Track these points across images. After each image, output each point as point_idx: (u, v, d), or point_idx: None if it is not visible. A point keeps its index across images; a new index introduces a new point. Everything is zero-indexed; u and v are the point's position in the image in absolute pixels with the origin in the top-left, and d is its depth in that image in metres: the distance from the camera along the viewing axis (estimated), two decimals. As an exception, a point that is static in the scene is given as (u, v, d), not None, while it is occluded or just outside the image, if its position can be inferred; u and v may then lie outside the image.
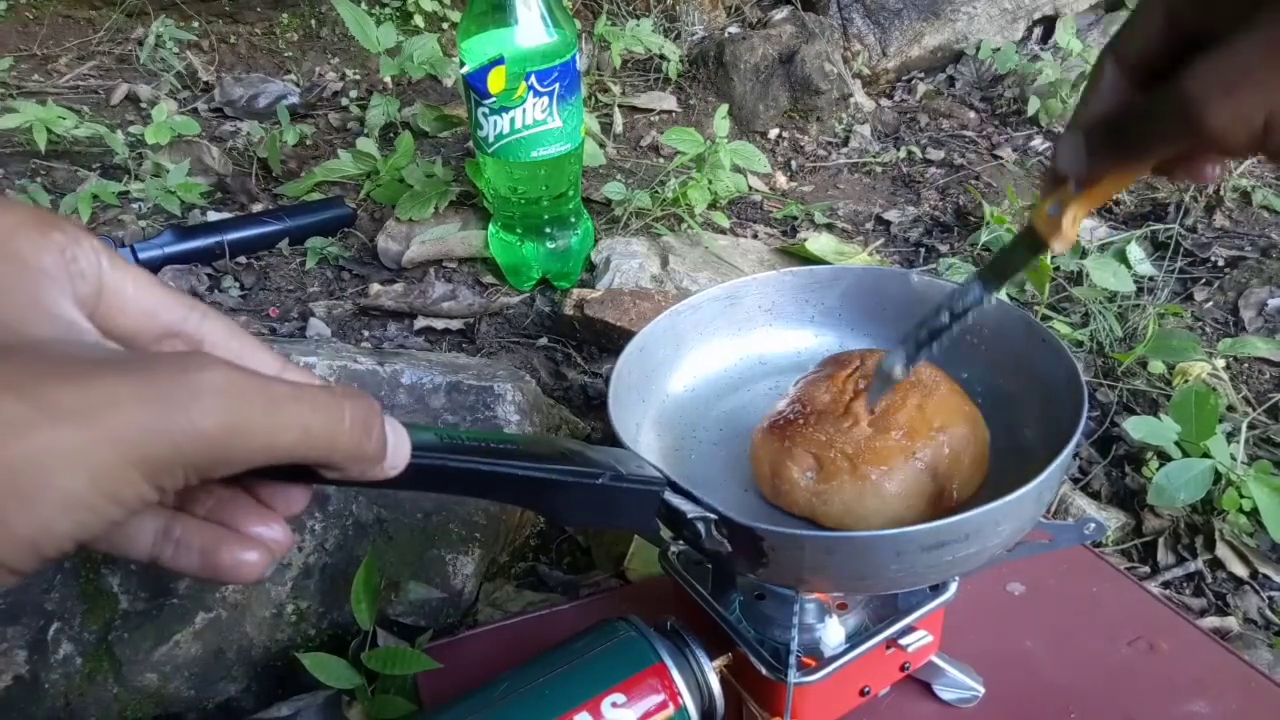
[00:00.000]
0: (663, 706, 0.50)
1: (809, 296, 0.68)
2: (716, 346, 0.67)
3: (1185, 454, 0.85)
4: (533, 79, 0.97)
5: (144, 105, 1.52)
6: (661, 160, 1.42)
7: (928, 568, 0.47)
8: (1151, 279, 1.16)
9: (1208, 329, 1.11)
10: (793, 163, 1.49)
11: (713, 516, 0.46)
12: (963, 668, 0.62)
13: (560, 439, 0.83)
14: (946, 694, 0.62)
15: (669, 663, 0.51)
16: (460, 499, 0.75)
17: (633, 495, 0.45)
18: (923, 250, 1.26)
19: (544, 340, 1.07)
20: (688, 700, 0.51)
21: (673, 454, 0.61)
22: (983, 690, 0.62)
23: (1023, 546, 0.57)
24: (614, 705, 0.50)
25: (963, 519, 0.44)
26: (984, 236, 1.21)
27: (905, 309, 0.65)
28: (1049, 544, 0.56)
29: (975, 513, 0.44)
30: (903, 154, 1.50)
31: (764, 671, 0.53)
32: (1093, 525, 0.55)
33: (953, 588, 0.57)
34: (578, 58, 1.00)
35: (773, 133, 1.55)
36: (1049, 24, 1.82)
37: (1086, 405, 0.51)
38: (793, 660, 0.52)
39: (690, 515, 0.46)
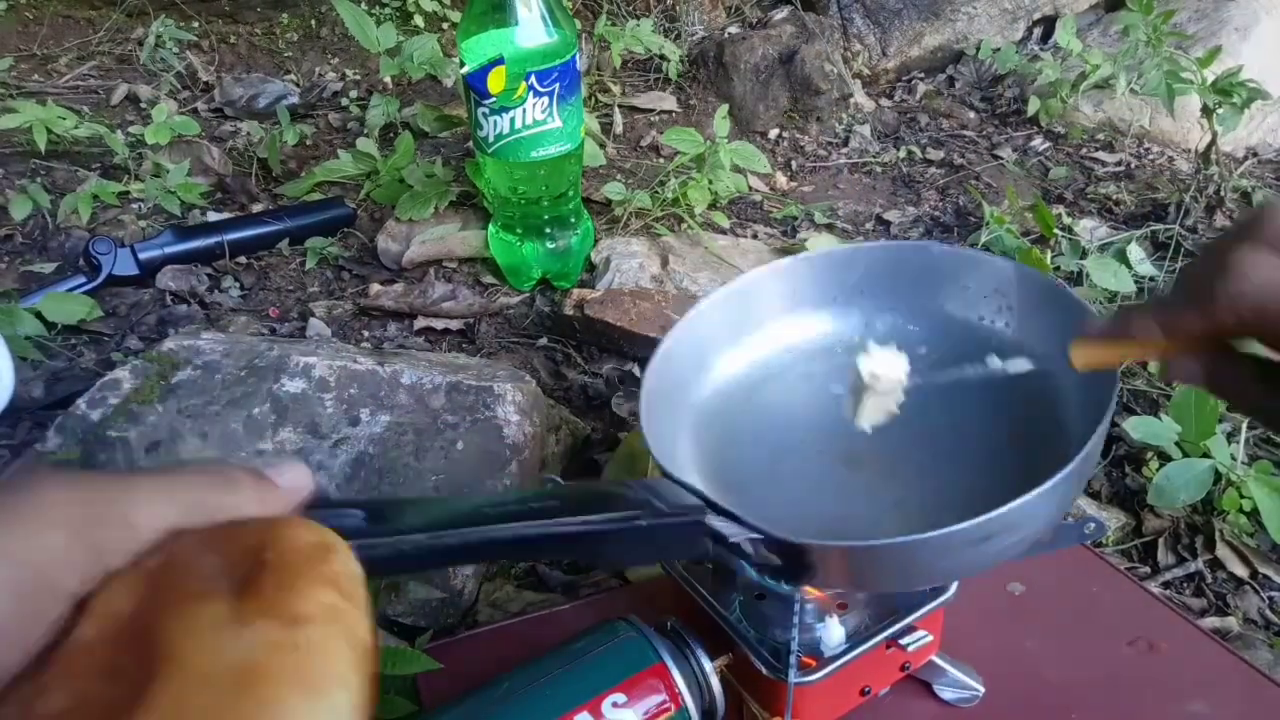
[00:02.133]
0: (663, 706, 0.50)
1: (829, 279, 0.66)
2: (742, 342, 0.66)
3: (1185, 454, 0.85)
4: (533, 79, 0.97)
5: (144, 105, 1.52)
6: (661, 160, 1.42)
7: (975, 559, 0.47)
8: (1152, 279, 1.16)
9: (1208, 329, 1.11)
10: (793, 163, 1.49)
11: (758, 536, 0.46)
12: (963, 667, 0.62)
13: (596, 483, 0.82)
14: (947, 694, 0.62)
15: (669, 663, 0.51)
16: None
17: (674, 529, 0.45)
18: (923, 250, 1.26)
19: (544, 340, 1.07)
20: (688, 700, 0.51)
21: (714, 458, 0.60)
22: (983, 690, 0.62)
23: (1023, 546, 0.57)
24: (614, 705, 0.50)
25: (1008, 510, 0.43)
26: (984, 237, 1.21)
27: (928, 279, 0.64)
28: (1049, 544, 0.56)
29: (1018, 503, 0.43)
30: (903, 154, 1.50)
31: (764, 671, 0.53)
32: (1093, 525, 0.55)
33: (952, 587, 0.57)
34: (578, 58, 1.00)
35: (773, 133, 1.55)
36: (1049, 24, 1.83)
37: (1119, 376, 0.49)
38: (793, 660, 0.52)
39: (734, 539, 0.46)
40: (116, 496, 0.29)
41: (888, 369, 0.51)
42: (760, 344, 0.66)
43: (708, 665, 0.53)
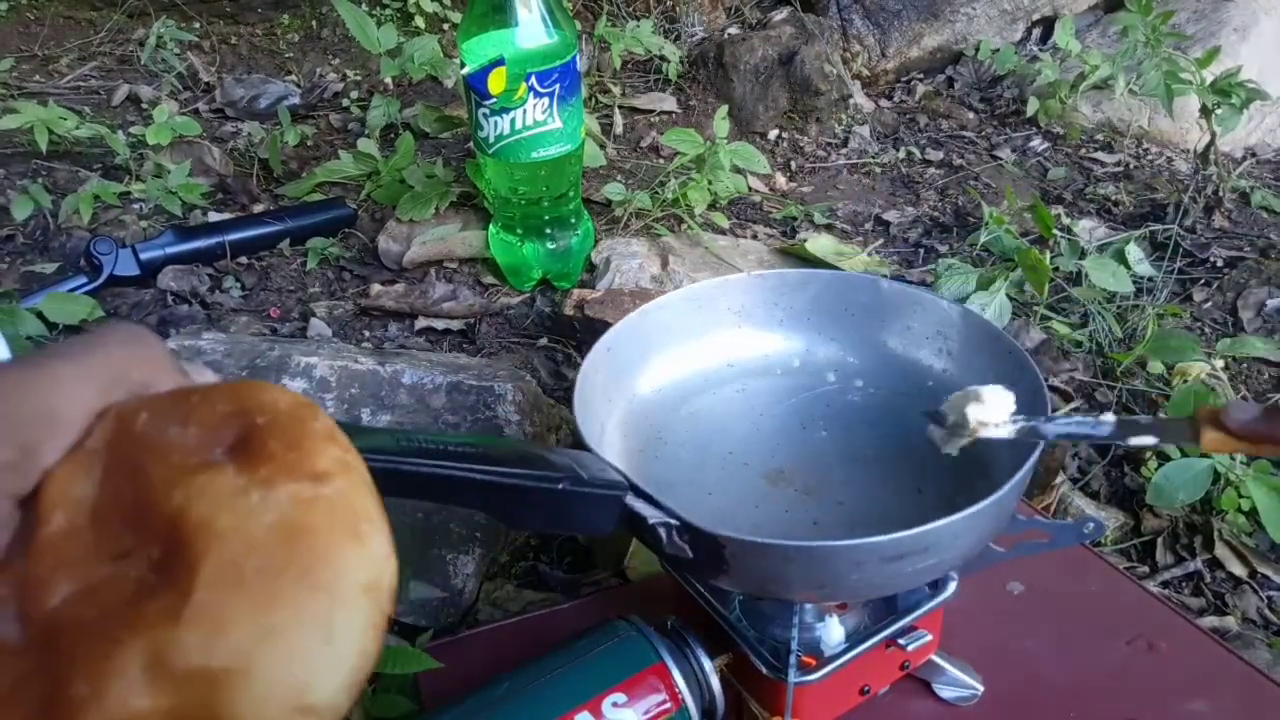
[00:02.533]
0: (663, 706, 0.51)
1: (778, 300, 0.68)
2: (685, 348, 0.67)
3: (1184, 454, 0.85)
4: (533, 80, 0.97)
5: (145, 106, 1.53)
6: (661, 161, 1.42)
7: (887, 578, 0.47)
8: (1150, 279, 1.17)
9: (1206, 329, 1.11)
10: (792, 163, 1.49)
11: (674, 522, 0.46)
12: (962, 666, 0.62)
13: (521, 441, 0.82)
14: (946, 692, 0.63)
15: (669, 662, 0.51)
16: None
17: (593, 500, 0.45)
18: (922, 251, 1.26)
19: (544, 340, 1.07)
20: (688, 699, 0.51)
21: (638, 455, 0.61)
22: (982, 689, 0.62)
23: (1022, 545, 0.57)
24: (615, 705, 0.50)
25: (924, 531, 0.44)
26: (983, 237, 1.21)
27: (874, 314, 0.66)
28: (1048, 543, 0.57)
29: (936, 525, 0.44)
30: (902, 155, 1.51)
31: (764, 671, 0.53)
32: (1092, 525, 0.55)
33: (952, 586, 0.58)
34: (578, 59, 1.01)
35: (772, 133, 1.55)
36: (1048, 25, 1.83)
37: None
38: (793, 659, 0.52)
39: (651, 520, 0.46)
40: (34, 388, 0.27)
41: (995, 413, 0.51)
42: (703, 353, 0.68)
43: (708, 664, 0.53)
